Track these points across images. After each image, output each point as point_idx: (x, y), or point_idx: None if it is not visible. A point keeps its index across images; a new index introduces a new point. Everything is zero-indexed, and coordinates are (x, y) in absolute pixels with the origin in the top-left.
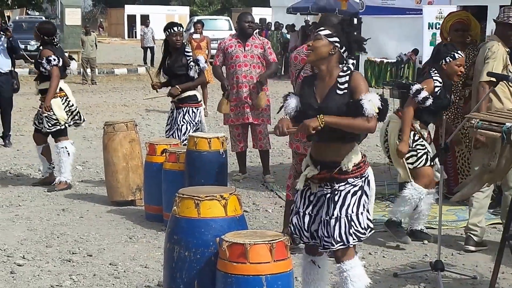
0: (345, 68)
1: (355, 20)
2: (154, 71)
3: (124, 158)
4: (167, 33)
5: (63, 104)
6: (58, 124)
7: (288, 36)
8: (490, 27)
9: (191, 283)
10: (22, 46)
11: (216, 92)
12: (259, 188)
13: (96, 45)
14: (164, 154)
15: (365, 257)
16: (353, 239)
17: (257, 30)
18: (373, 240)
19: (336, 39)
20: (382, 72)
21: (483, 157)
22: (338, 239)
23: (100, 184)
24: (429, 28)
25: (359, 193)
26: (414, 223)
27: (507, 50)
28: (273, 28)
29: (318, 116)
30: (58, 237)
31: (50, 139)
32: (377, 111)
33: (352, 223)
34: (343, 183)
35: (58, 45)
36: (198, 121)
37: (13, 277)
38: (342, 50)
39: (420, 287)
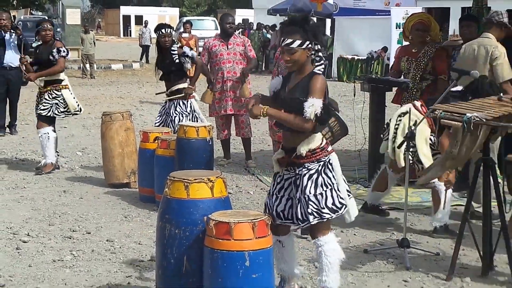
0: (315, 69)
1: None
2: (147, 67)
3: (120, 145)
4: (157, 35)
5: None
6: (68, 111)
7: (269, 35)
8: (453, 26)
9: (180, 258)
10: None
11: (203, 86)
12: (241, 172)
13: (94, 43)
14: (156, 141)
15: (338, 235)
16: (314, 217)
17: (240, 30)
18: (344, 220)
19: (307, 42)
20: (353, 68)
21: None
22: (300, 218)
23: (98, 168)
24: (396, 28)
25: (315, 176)
26: (375, 200)
27: None
28: (255, 28)
29: (263, 106)
30: (59, 216)
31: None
32: (314, 117)
33: (310, 203)
34: (301, 168)
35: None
36: (189, 111)
37: (18, 252)
38: (311, 46)
39: (388, 262)
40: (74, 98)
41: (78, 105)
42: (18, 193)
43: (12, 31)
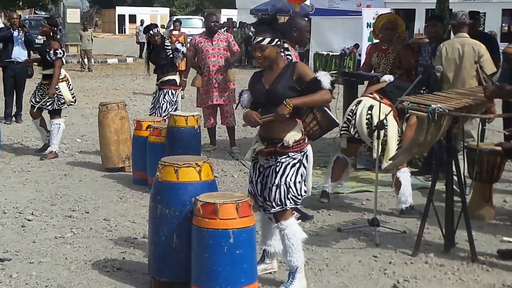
0: (288, 61)
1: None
2: (140, 61)
3: (116, 133)
4: (148, 36)
5: (67, 86)
6: (64, 103)
7: (251, 33)
8: (418, 25)
9: (171, 235)
10: None
11: (191, 79)
12: (226, 158)
13: (92, 39)
14: (148, 129)
15: (314, 215)
16: (290, 202)
17: (225, 28)
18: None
19: (276, 40)
20: (328, 63)
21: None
22: (278, 203)
23: (96, 154)
24: (367, 27)
25: (297, 165)
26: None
27: None
28: (238, 26)
29: (285, 101)
30: (61, 197)
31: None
32: (330, 87)
33: (290, 190)
34: (285, 156)
35: (60, 37)
36: (175, 101)
37: (23, 230)
38: (280, 43)
39: (360, 240)
40: (71, 90)
41: (73, 97)
42: (23, 176)
43: (19, 28)
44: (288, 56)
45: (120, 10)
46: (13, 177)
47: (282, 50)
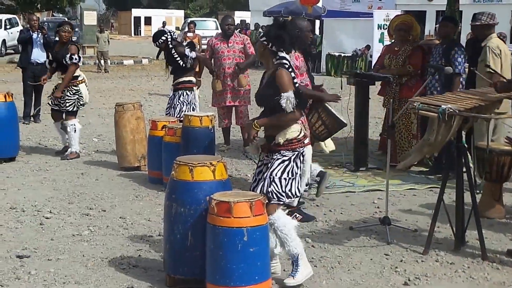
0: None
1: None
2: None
3: (131, 132)
4: (156, 45)
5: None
6: (84, 104)
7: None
8: (428, 27)
9: (186, 233)
10: None
11: (206, 79)
12: (240, 157)
13: (108, 41)
14: (164, 129)
15: (326, 214)
16: (272, 197)
17: (238, 30)
18: (333, 200)
19: (264, 38)
20: (340, 64)
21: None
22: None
23: (112, 153)
24: (378, 29)
25: (286, 162)
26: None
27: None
28: (252, 28)
29: (253, 123)
30: (78, 196)
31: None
32: (291, 109)
33: (273, 184)
34: (277, 154)
35: (76, 40)
36: (189, 101)
37: (42, 227)
38: (269, 46)
39: (371, 238)
40: (87, 90)
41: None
42: (41, 175)
43: (38, 30)
44: (281, 61)
45: (136, 12)
46: (32, 176)
47: (264, 49)
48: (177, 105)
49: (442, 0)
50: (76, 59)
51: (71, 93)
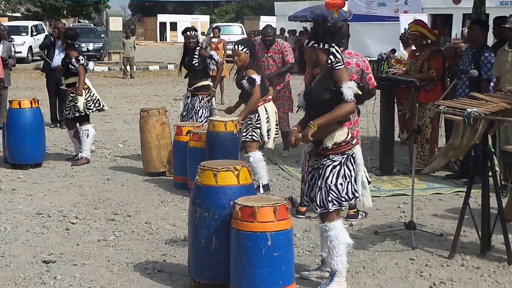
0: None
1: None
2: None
3: (157, 138)
4: (184, 37)
5: (85, 95)
6: (79, 111)
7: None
8: (455, 30)
9: (210, 238)
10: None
11: (231, 84)
12: (266, 162)
13: (134, 47)
14: (188, 134)
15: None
16: (333, 204)
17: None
18: (358, 205)
19: (313, 42)
20: None
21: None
22: (321, 204)
23: (137, 159)
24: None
25: (338, 167)
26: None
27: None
28: (278, 32)
29: (309, 123)
30: (103, 201)
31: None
32: (351, 98)
33: (331, 192)
34: (326, 159)
35: (80, 47)
36: (209, 105)
37: (67, 233)
38: (320, 46)
39: (396, 243)
40: (93, 96)
41: (98, 104)
42: (67, 180)
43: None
44: (333, 60)
45: (161, 18)
46: (58, 181)
47: (323, 52)
48: (199, 109)
49: (469, 3)
50: (82, 59)
51: (68, 100)
